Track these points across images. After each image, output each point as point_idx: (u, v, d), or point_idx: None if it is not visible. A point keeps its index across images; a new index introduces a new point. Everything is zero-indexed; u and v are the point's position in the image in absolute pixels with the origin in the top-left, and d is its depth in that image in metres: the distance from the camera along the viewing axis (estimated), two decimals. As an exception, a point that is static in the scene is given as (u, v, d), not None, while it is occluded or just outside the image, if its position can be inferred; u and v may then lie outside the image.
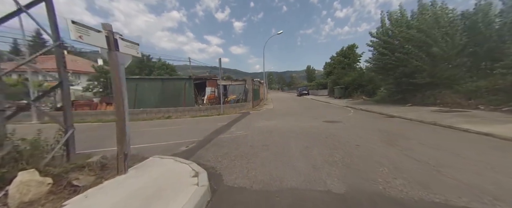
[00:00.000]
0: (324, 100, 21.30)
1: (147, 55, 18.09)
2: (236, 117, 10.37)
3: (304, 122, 8.12)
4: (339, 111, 11.58)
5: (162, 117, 10.33)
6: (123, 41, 3.10)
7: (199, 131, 6.79)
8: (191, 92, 12.13)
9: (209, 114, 11.66)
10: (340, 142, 4.84)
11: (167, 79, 11.64)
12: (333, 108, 13.83)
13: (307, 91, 35.66)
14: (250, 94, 14.79)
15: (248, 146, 4.80)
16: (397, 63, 10.61)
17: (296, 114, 10.99)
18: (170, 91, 11.41)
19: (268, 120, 8.98)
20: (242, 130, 6.82)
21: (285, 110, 13.15)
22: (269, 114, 11.23)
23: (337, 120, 8.39)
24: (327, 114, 10.57)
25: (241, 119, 9.44)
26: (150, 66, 17.79)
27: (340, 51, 33.11)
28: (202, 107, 11.92)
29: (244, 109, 13.89)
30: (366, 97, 18.06)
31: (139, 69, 17.60)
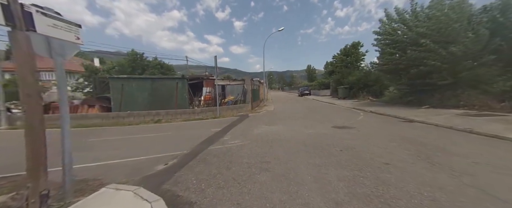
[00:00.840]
0: (328, 100, 20.23)
1: (141, 53, 17.07)
2: (233, 120, 9.31)
3: (310, 127, 7.06)
4: (347, 114, 10.51)
5: (151, 121, 9.29)
6: (45, 17, 2.04)
7: (188, 140, 5.74)
8: (185, 92, 11.07)
9: (204, 117, 10.61)
10: (362, 158, 3.77)
11: (158, 78, 10.59)
12: (339, 110, 12.75)
13: (308, 91, 34.58)
14: (249, 94, 13.73)
15: (244, 163, 3.75)
16: (410, 62, 9.53)
17: (300, 117, 9.93)
18: (160, 91, 10.37)
19: (269, 124, 7.92)
20: (238, 138, 5.77)
21: (287, 113, 12.09)
22: (269, 117, 10.17)
23: (348, 125, 7.33)
24: (334, 117, 9.50)
25: (239, 124, 8.38)
26: (143, 65, 16.76)
27: (343, 49, 32.02)
28: (197, 110, 10.87)
29: (242, 111, 12.83)
30: (373, 98, 16.97)
31: (131, 68, 16.56)
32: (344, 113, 10.82)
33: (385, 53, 10.65)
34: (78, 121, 8.39)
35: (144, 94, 10.02)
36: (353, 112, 11.30)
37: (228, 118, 10.22)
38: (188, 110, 10.56)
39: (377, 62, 11.91)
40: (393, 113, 9.10)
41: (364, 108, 11.80)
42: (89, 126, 8.20)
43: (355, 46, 30.61)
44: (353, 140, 5.08)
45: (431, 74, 8.95)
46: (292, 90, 69.63)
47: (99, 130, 7.55)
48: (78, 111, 9.26)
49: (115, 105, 9.40)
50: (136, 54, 17.11)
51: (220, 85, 20.89)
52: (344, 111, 12.00)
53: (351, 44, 31.21)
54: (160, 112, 9.83)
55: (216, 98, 11.19)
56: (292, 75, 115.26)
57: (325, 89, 30.99)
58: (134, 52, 16.77)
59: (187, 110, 10.53)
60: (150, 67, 17.22)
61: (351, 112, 11.33)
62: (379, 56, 12.19)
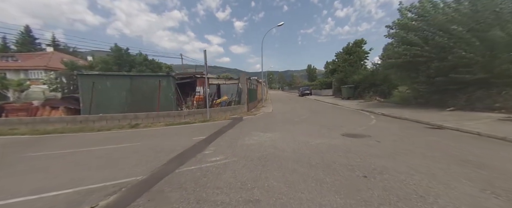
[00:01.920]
0: (331, 101, 18.83)
1: (125, 48, 15.64)
2: (224, 125, 7.93)
3: (316, 136, 5.67)
4: (356, 117, 9.12)
5: (127, 126, 7.88)
6: None
7: (156, 154, 4.35)
8: (170, 92, 9.67)
9: (191, 120, 9.21)
10: (403, 194, 2.38)
11: (138, 76, 9.18)
12: (346, 112, 11.35)
13: (309, 91, 33.21)
14: (245, 95, 12.34)
15: (218, 203, 2.36)
16: (433, 54, 8.14)
17: (302, 120, 8.54)
18: (141, 91, 8.97)
19: (264, 131, 6.53)
20: (223, 152, 4.38)
21: (287, 115, 10.70)
22: (266, 121, 8.77)
23: (361, 132, 5.95)
24: (341, 121, 8.11)
25: (229, 129, 6.99)
26: (130, 61, 15.35)
27: (346, 47, 30.63)
28: (184, 112, 9.47)
29: (236, 113, 11.44)
30: (380, 98, 15.59)
31: (117, 65, 15.13)
32: (353, 116, 9.42)
33: (403, 42, 9.20)
34: (36, 126, 7.00)
35: (121, 94, 8.62)
36: (362, 114, 9.91)
37: (219, 122, 8.83)
38: (173, 113, 9.16)
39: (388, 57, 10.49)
40: (411, 116, 7.71)
41: (374, 110, 10.41)
42: (50, 133, 6.81)
43: (358, 44, 29.24)
44: (378, 158, 3.69)
45: (457, 69, 7.52)
46: (292, 90, 68.26)
47: (52, 139, 6.15)
48: (38, 114, 7.86)
49: (84, 107, 8.01)
50: (120, 49, 15.65)
51: (215, 85, 19.54)
52: (351, 113, 10.61)
53: (354, 42, 29.85)
54: (139, 115, 8.43)
55: (206, 99, 9.80)
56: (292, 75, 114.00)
57: (326, 89, 29.61)
58: (118, 47, 15.33)
59: (172, 113, 9.13)
60: (137, 63, 15.77)
61: (360, 114, 9.94)
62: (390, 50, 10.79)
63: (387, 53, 10.68)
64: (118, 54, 15.35)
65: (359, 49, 28.85)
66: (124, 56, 15.57)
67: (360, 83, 17.98)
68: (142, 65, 16.14)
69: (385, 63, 10.92)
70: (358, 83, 18.39)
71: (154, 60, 18.91)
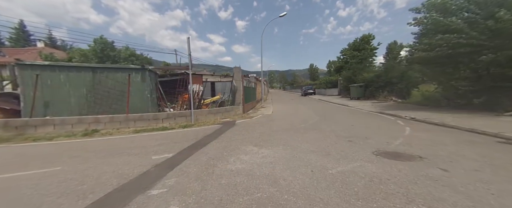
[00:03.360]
0: (338, 101, 16.85)
1: (110, 41, 13.76)
2: (207, 134, 6.04)
3: (336, 155, 3.75)
4: (379, 122, 7.16)
5: (80, 133, 6.01)
6: None
7: (64, 198, 2.48)
8: (147, 89, 7.81)
9: (170, 125, 7.34)
10: None
11: (102, 68, 7.30)
12: (362, 115, 9.38)
13: (313, 90, 31.17)
14: (240, 94, 10.44)
15: None
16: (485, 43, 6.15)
17: (309, 127, 6.62)
18: (106, 88, 7.10)
19: (260, 145, 4.63)
20: (183, 193, 2.49)
21: (290, 119, 8.78)
22: (264, 127, 6.87)
23: (402, 149, 4.02)
24: (362, 128, 6.17)
25: (211, 141, 5.09)
26: (112, 56, 13.52)
27: (352, 43, 28.56)
28: (161, 115, 7.60)
29: (229, 116, 9.55)
30: (397, 99, 13.59)
31: (99, 59, 13.31)
32: (373, 121, 7.46)
33: (438, 29, 7.18)
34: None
35: (80, 91, 6.75)
36: (384, 119, 7.94)
37: (204, 128, 6.94)
38: (148, 115, 7.29)
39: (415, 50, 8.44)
40: (460, 123, 5.74)
41: (398, 113, 8.43)
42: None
43: (365, 39, 27.15)
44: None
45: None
46: (294, 89, 66.24)
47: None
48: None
49: (25, 108, 6.16)
50: (105, 42, 13.80)
51: (210, 82, 17.67)
52: (370, 117, 8.64)
53: (361, 38, 27.77)
54: (101, 119, 6.56)
55: (191, 99, 7.91)
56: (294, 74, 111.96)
57: (332, 88, 27.58)
58: (102, 39, 13.49)
59: (147, 116, 7.26)
60: (122, 58, 13.93)
61: (382, 119, 7.97)
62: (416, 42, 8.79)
63: (415, 46, 8.67)
64: (102, 47, 13.51)
65: (367, 46, 26.79)
66: (108, 49, 13.72)
67: (371, 82, 15.96)
68: (128, 61, 14.30)
69: (411, 57, 8.92)
70: (369, 82, 16.37)
71: (142, 55, 17.06)
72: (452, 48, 6.89)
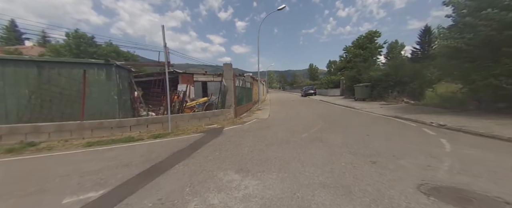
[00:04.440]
0: (342, 103, 15.39)
1: (90, 36, 12.25)
2: (180, 148, 4.58)
3: (359, 195, 2.27)
4: (400, 131, 5.68)
5: (7, 148, 4.52)
6: None
7: None
8: (113, 90, 6.35)
9: (139, 135, 5.87)
10: None
11: (52, 62, 5.83)
12: (373, 121, 7.92)
13: (313, 91, 29.69)
14: (232, 96, 8.98)
15: None
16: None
17: (312, 137, 5.16)
18: (58, 88, 5.65)
19: (245, 170, 3.17)
20: None
21: (289, 125, 7.31)
22: (256, 138, 5.40)
23: (465, 183, 2.53)
24: (380, 140, 4.70)
25: (179, 163, 3.62)
26: (91, 53, 12.02)
27: (356, 41, 27.13)
28: (130, 121, 6.13)
29: (217, 121, 8.09)
30: (410, 100, 12.13)
31: (74, 56, 11.84)
32: (391, 129, 5.98)
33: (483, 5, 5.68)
34: None
35: (21, 92, 5.29)
36: (403, 126, 6.47)
37: (179, 139, 5.48)
38: (109, 123, 5.81)
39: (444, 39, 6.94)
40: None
41: (418, 118, 6.95)
42: None
43: (369, 37, 25.70)
44: None
45: None
46: (293, 90, 64.85)
47: None
48: None
49: None
50: (83, 37, 12.30)
51: (200, 82, 16.22)
52: (385, 123, 7.16)
53: (366, 35, 26.33)
54: (43, 127, 5.08)
55: (168, 102, 6.45)
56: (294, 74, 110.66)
57: (334, 88, 26.13)
58: (79, 33, 12.00)
59: (107, 123, 5.78)
60: (102, 55, 12.46)
61: (401, 126, 6.50)
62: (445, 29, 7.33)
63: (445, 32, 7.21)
64: (76, 41, 12.01)
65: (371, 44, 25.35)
66: (83, 46, 12.23)
67: (379, 81, 14.50)
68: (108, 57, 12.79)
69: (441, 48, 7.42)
70: (376, 81, 14.92)
71: (129, 53, 15.58)
72: (499, 31, 5.39)
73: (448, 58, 7.53)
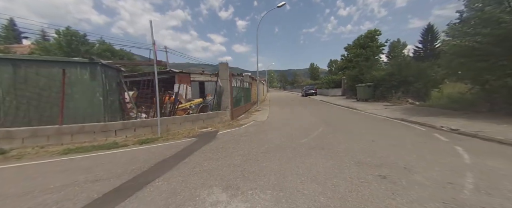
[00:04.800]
0: (344, 103, 14.91)
1: (82, 34, 11.72)
2: (166, 157, 4.13)
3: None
4: (408, 137, 5.19)
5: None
6: None
7: None
8: (98, 91, 5.89)
9: (124, 140, 5.42)
10: None
11: (29, 61, 5.37)
12: (378, 124, 7.43)
13: (314, 90, 29.20)
14: (228, 97, 8.51)
15: None
16: None
17: (313, 143, 4.69)
18: (36, 89, 5.20)
19: (233, 188, 2.70)
20: None
21: (287, 128, 6.84)
22: (251, 145, 4.94)
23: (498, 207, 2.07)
24: (388, 147, 4.22)
25: (159, 177, 3.16)
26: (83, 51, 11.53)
27: (356, 40, 26.57)
28: (115, 125, 5.68)
29: (212, 124, 7.63)
30: (414, 101, 11.64)
31: (65, 54, 11.39)
32: (399, 134, 5.50)
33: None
34: None
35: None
36: (412, 130, 5.98)
37: (168, 145, 5.03)
38: (92, 127, 5.36)
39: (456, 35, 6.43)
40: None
41: (426, 121, 6.46)
42: None
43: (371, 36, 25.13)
44: None
45: None
46: (294, 89, 64.35)
47: None
48: None
49: None
50: (75, 34, 11.83)
51: (198, 82, 15.76)
52: (391, 127, 6.67)
53: (366, 34, 25.77)
54: (16, 133, 4.63)
55: (157, 103, 5.99)
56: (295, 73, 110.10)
57: (335, 88, 25.62)
58: (70, 31, 11.52)
59: (90, 127, 5.33)
60: (95, 54, 12.00)
61: (409, 130, 6.01)
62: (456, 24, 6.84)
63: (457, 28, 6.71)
64: (67, 39, 11.55)
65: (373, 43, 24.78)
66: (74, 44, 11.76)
67: (382, 81, 14.00)
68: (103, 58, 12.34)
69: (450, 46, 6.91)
70: (379, 81, 14.41)
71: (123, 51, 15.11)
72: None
73: (457, 56, 7.03)
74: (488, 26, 5.43)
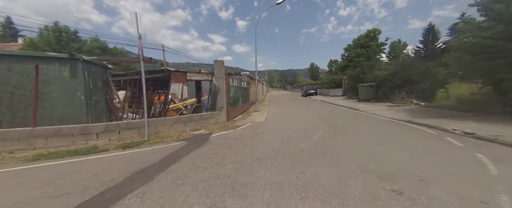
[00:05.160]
0: (345, 104, 14.44)
1: (72, 30, 11.18)
2: (147, 164, 3.64)
3: None
4: (419, 143, 4.71)
5: None
6: None
7: None
8: (79, 90, 5.40)
9: (106, 144, 4.92)
10: None
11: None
12: (384, 126, 6.95)
13: (314, 90, 28.70)
14: (224, 96, 8.02)
15: None
16: None
17: (314, 148, 4.20)
18: (8, 87, 4.70)
19: (220, 208, 2.22)
20: None
21: (285, 130, 6.34)
22: (245, 150, 4.45)
23: None
24: (397, 153, 3.74)
25: (131, 192, 2.67)
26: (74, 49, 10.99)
27: (356, 40, 26.12)
28: (97, 127, 5.18)
29: (207, 125, 7.15)
30: (419, 101, 11.16)
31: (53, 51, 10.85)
32: (408, 139, 5.01)
33: None
34: None
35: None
36: (421, 134, 5.50)
37: (154, 150, 4.54)
38: (70, 129, 4.86)
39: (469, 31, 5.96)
40: None
41: (436, 124, 5.98)
42: None
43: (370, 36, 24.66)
44: None
45: None
46: (294, 89, 63.91)
47: None
48: None
49: None
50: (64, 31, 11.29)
51: (194, 81, 15.26)
52: (397, 129, 6.18)
53: (366, 33, 25.32)
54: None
55: (144, 103, 5.50)
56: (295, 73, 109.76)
57: (335, 88, 25.15)
58: (59, 27, 10.98)
59: (67, 129, 4.83)
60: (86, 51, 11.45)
61: (418, 134, 5.53)
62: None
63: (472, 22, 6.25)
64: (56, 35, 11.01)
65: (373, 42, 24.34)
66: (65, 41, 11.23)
67: (385, 81, 13.52)
68: (93, 54, 11.83)
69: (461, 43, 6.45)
70: (381, 81, 13.94)
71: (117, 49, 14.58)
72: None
73: (469, 54, 6.56)
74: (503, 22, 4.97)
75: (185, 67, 39.47)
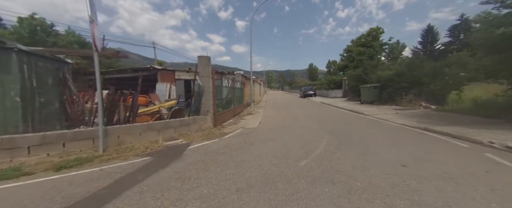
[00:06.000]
0: (347, 106, 13.38)
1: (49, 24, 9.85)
2: (76, 199, 2.44)
3: None
4: (449, 156, 3.59)
5: None
6: None
7: None
8: (13, 89, 4.19)
9: (39, 162, 3.70)
10: None
11: None
12: (397, 135, 5.83)
13: (313, 91, 27.64)
14: (210, 98, 6.84)
15: None
16: None
17: (316, 171, 3.06)
18: None
19: None
20: None
21: (281, 139, 5.19)
22: (226, 171, 3.28)
23: None
24: (436, 183, 2.61)
25: None
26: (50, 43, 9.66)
27: (357, 39, 25.18)
28: (34, 138, 3.95)
29: (188, 133, 5.96)
30: (429, 104, 10.13)
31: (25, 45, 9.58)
32: (432, 154, 3.87)
33: None
34: None
35: None
36: (446, 146, 4.40)
37: (100, 173, 3.36)
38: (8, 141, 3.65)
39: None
40: None
41: (462, 134, 4.89)
42: None
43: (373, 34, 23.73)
44: None
45: None
46: (292, 90, 62.91)
47: None
48: None
49: None
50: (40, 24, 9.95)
51: (183, 80, 14.07)
52: (415, 140, 5.06)
53: (368, 32, 24.38)
54: None
55: (99, 106, 4.31)
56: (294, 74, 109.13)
57: (335, 89, 24.13)
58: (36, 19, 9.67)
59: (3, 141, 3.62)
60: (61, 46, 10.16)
61: (443, 146, 4.42)
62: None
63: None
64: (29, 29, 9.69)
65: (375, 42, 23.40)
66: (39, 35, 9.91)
67: (390, 82, 12.48)
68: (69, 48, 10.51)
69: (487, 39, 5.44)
70: (386, 82, 12.90)
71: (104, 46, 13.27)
72: None
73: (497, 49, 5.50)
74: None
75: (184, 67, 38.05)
